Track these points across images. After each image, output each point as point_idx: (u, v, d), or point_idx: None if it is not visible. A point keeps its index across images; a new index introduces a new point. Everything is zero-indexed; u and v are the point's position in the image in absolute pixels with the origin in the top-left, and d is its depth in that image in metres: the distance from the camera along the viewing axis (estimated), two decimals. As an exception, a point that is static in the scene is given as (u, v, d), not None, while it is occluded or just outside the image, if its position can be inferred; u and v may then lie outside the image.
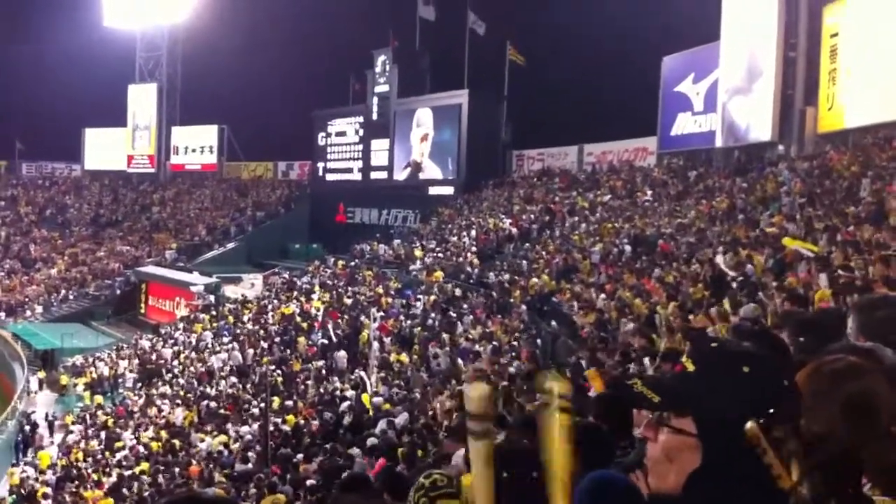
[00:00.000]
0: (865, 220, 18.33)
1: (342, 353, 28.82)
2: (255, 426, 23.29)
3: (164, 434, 26.57)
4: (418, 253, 38.30)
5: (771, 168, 29.59)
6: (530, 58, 47.35)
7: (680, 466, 1.76)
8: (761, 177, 28.89)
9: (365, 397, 22.65)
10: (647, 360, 11.96)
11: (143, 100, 69.77)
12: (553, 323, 23.61)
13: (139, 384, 35.66)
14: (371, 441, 17.70)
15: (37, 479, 25.88)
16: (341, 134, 56.38)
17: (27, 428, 32.39)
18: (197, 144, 68.44)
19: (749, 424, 1.77)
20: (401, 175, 51.36)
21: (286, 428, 21.88)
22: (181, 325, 41.42)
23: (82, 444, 29.16)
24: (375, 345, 27.34)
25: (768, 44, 31.76)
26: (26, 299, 53.65)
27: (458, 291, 31.13)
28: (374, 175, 53.53)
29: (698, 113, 36.67)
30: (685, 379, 1.79)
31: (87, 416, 33.13)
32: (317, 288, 38.36)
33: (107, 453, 26.63)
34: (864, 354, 2.40)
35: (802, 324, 4.25)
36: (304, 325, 33.04)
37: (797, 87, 31.49)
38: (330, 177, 57.32)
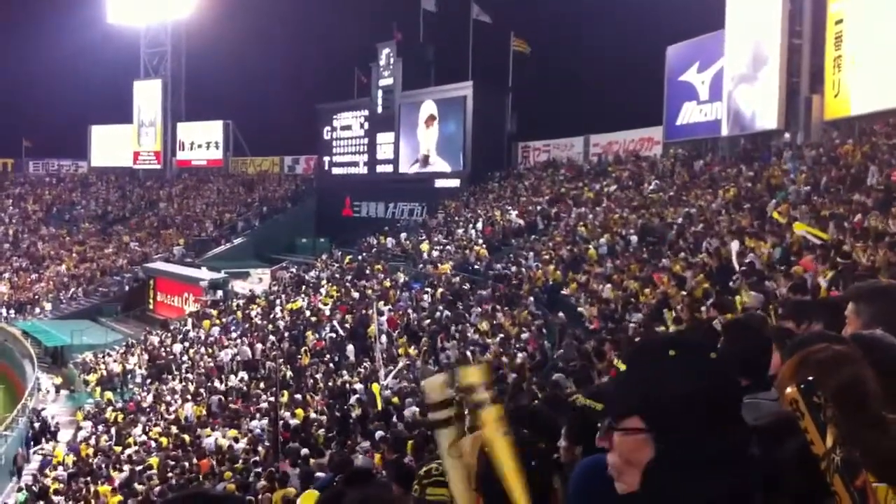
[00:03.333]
0: (873, 207, 18.31)
1: (350, 347, 28.90)
2: (265, 420, 23.38)
3: (173, 429, 26.67)
4: (425, 246, 38.30)
5: (777, 156, 29.54)
6: (534, 48, 47.27)
7: (640, 464, 1.78)
8: (768, 165, 28.85)
9: (375, 387, 22.69)
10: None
11: (148, 96, 69.82)
12: (561, 314, 23.64)
13: (149, 380, 35.78)
14: (380, 434, 17.76)
15: (46, 476, 26.04)
16: (346, 128, 56.32)
17: (37, 425, 32.57)
18: (203, 140, 68.48)
19: (788, 389, 1.80)
20: (410, 168, 51.30)
21: (295, 422, 21.94)
22: (190, 321, 41.52)
23: (92, 441, 29.29)
24: (383, 338, 27.38)
25: (773, 31, 31.63)
26: (35, 297, 53.84)
27: (465, 284, 31.16)
28: (379, 168, 53.50)
29: (703, 102, 36.55)
30: (619, 379, 1.86)
31: (98, 413, 33.27)
32: (324, 282, 38.42)
33: (117, 448, 26.75)
34: (860, 342, 2.41)
35: (808, 311, 4.25)
36: (313, 319, 33.11)
37: (802, 74, 31.38)
38: (336, 171, 57.27)
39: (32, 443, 31.54)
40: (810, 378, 1.81)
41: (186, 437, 24.89)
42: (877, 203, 18.58)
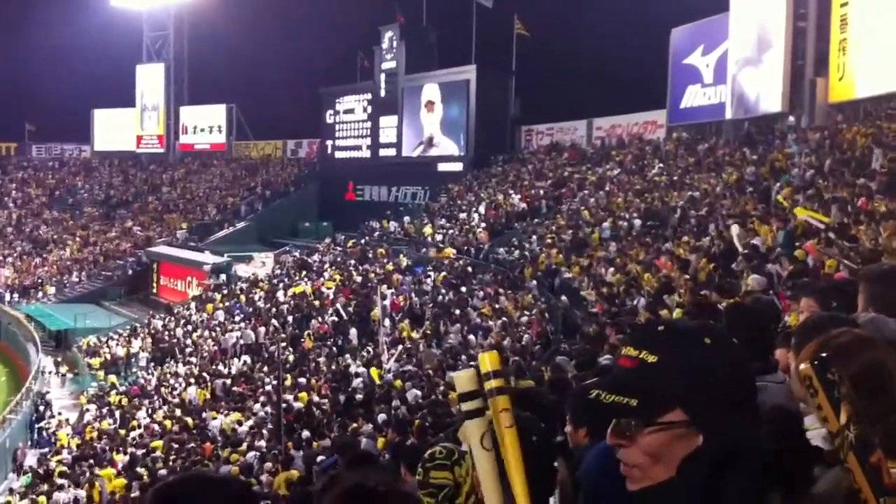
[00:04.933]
0: (877, 191, 18.26)
1: (354, 331, 28.94)
2: (269, 404, 23.43)
3: (177, 412, 26.75)
4: (428, 230, 38.29)
5: (780, 140, 29.46)
6: (538, 32, 47.03)
7: (671, 458, 1.73)
8: (772, 148, 28.77)
9: (374, 372, 22.76)
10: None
11: (150, 80, 69.71)
12: (563, 298, 23.64)
13: (152, 364, 35.86)
14: (382, 417, 17.85)
15: (50, 460, 26.11)
16: (349, 111, 56.19)
17: (41, 408, 32.67)
18: (206, 124, 68.41)
19: (802, 366, 1.78)
20: (414, 152, 51.19)
21: (298, 405, 22.00)
22: (193, 305, 41.58)
23: (97, 424, 29.38)
24: (386, 322, 27.40)
25: (778, 14, 31.47)
26: (39, 280, 53.93)
27: (468, 268, 31.17)
28: (382, 152, 53.39)
29: (708, 85, 36.41)
30: (655, 371, 1.72)
31: (102, 396, 33.37)
32: (327, 266, 38.44)
33: (121, 432, 26.83)
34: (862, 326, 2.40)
35: (831, 291, 4.24)
36: (316, 303, 33.14)
37: (807, 57, 31.23)
38: (339, 155, 57.21)
39: (36, 427, 31.62)
40: (824, 354, 1.79)
41: (190, 421, 24.95)
42: (881, 186, 18.52)
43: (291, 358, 28.19)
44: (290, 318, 32.81)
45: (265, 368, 28.73)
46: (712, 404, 1.70)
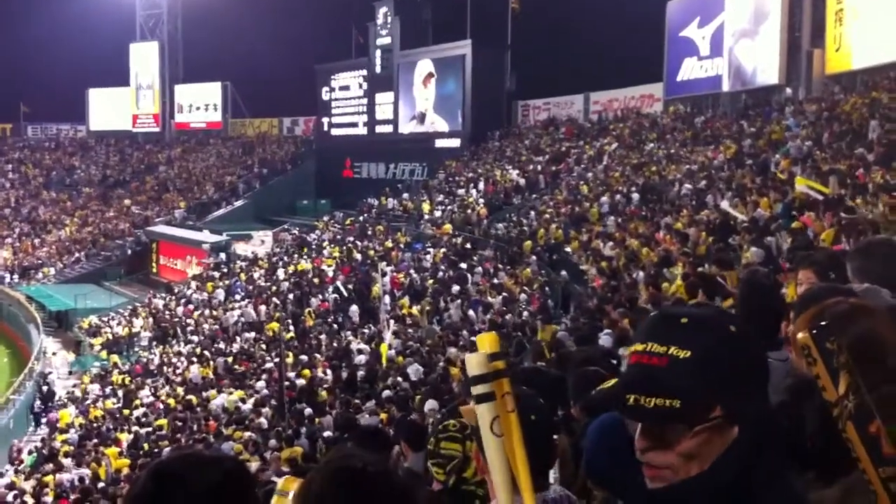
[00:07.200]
0: (874, 162, 18.31)
1: (354, 308, 29.01)
2: (270, 381, 23.54)
3: (180, 391, 26.85)
4: (426, 206, 38.28)
5: (777, 112, 29.43)
6: (534, 5, 46.77)
7: (708, 455, 1.65)
8: (769, 121, 28.75)
9: (384, 347, 22.81)
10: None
11: (145, 58, 69.32)
12: (563, 273, 23.71)
13: (154, 343, 35.95)
14: (386, 393, 17.95)
15: (54, 438, 26.22)
16: (345, 88, 55.99)
17: (44, 388, 32.75)
18: (201, 102, 68.15)
19: (800, 334, 1.79)
20: (407, 128, 51.07)
21: (301, 382, 22.10)
22: (193, 284, 41.63)
23: (100, 403, 29.48)
24: (387, 299, 27.47)
25: (774, -15, 31.41)
26: (38, 261, 53.92)
27: (467, 244, 31.21)
28: (379, 129, 53.24)
29: (704, 57, 36.32)
30: (691, 367, 1.61)
31: (105, 375, 33.46)
32: (326, 244, 38.47)
33: (125, 411, 26.95)
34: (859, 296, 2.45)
35: (830, 262, 4.30)
36: (316, 280, 33.20)
37: (804, 28, 31.19)
38: (335, 132, 57.05)
39: (42, 407, 31.68)
40: (823, 323, 1.80)
41: (193, 399, 25.05)
42: (878, 158, 18.56)
43: (293, 335, 28.26)
44: (290, 296, 32.86)
45: (265, 346, 28.81)
46: (745, 393, 1.63)
